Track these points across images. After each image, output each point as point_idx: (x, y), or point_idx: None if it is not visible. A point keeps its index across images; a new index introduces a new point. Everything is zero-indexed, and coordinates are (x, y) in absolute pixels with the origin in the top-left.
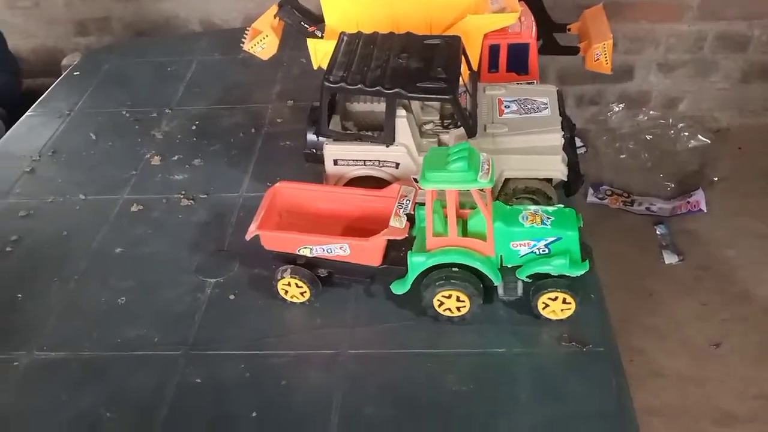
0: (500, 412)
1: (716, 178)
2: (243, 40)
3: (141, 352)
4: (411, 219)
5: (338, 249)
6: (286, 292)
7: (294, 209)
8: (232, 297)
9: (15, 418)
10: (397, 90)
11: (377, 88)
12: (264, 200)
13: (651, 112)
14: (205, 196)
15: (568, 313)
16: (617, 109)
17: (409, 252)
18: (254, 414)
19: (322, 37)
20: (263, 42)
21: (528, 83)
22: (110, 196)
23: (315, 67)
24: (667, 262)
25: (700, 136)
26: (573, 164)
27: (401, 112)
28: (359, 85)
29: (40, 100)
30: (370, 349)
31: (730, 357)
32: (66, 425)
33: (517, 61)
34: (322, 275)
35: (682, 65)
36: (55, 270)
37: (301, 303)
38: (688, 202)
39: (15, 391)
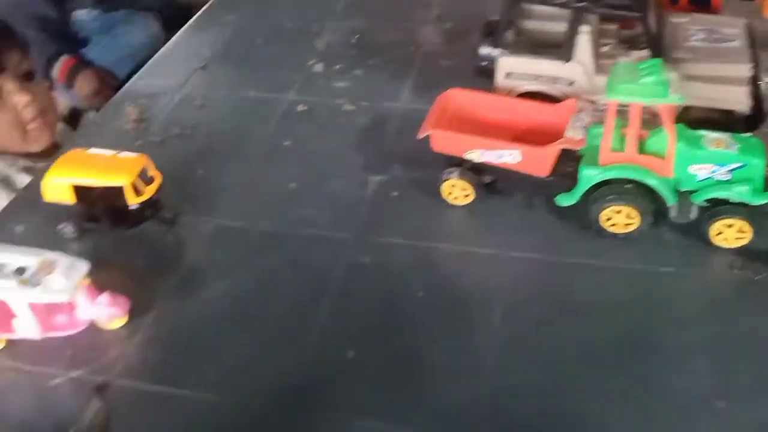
0: (667, 325)
1: None
2: None
3: (312, 231)
4: None
5: (508, 155)
6: (450, 193)
7: (464, 116)
8: (395, 194)
9: (203, 271)
10: (585, 3)
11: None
12: (436, 104)
13: None
14: (367, 103)
15: (743, 242)
16: None
17: (581, 164)
18: (421, 294)
19: None
20: None
21: None
22: (277, 96)
23: None
24: None
25: None
26: (757, 99)
27: (584, 27)
28: None
29: (202, 10)
30: (531, 254)
31: None
32: (248, 282)
33: None
34: (487, 181)
35: None
36: (231, 154)
37: (462, 205)
38: None
39: (202, 250)
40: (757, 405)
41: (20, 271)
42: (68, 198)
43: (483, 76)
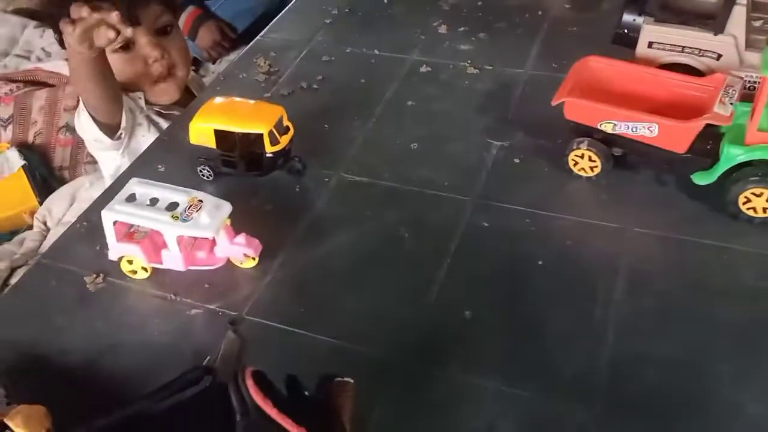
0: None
1: None
2: None
3: (433, 191)
4: None
5: (645, 128)
6: (576, 163)
7: (600, 85)
8: (517, 161)
9: (328, 220)
10: None
11: None
12: (572, 71)
13: None
14: (490, 67)
15: None
16: None
17: (725, 143)
18: (540, 262)
19: None
20: None
21: None
22: (401, 56)
23: None
24: None
25: None
26: None
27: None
28: None
29: None
30: (658, 231)
31: None
32: (370, 234)
33: None
34: (617, 154)
35: None
36: (355, 110)
37: (587, 177)
38: None
39: (327, 200)
40: None
41: (172, 206)
42: (210, 142)
43: (622, 44)
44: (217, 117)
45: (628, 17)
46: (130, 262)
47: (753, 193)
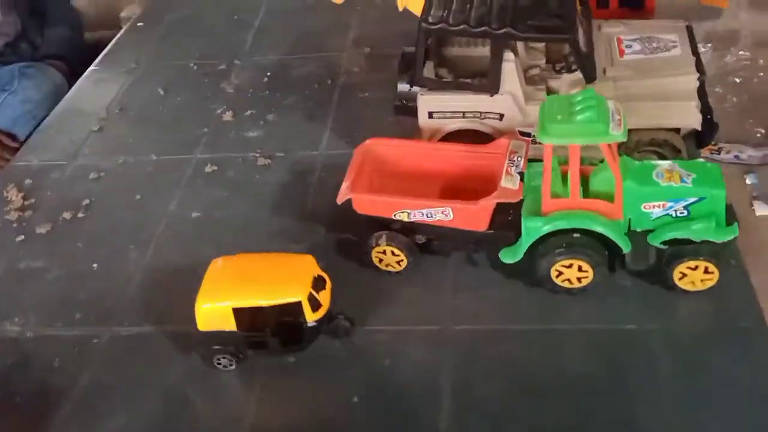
0: (636, 396)
1: None
2: None
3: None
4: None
5: (440, 213)
6: (381, 260)
7: (387, 168)
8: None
9: (102, 395)
10: (506, 30)
11: (483, 28)
12: (354, 159)
13: (740, 52)
14: (283, 154)
15: (710, 283)
16: (703, 50)
17: (523, 216)
18: (356, 399)
19: None
20: None
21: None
22: (183, 156)
23: (400, 8)
24: (758, 214)
25: None
26: (706, 111)
27: (508, 55)
28: (462, 26)
29: (104, 53)
30: (477, 324)
31: None
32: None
33: None
34: (420, 242)
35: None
36: (130, 236)
37: (396, 272)
38: None
39: (95, 371)
40: None
41: None
42: (227, 324)
43: (404, 114)
44: (232, 290)
45: (402, 87)
46: None
47: (563, 266)
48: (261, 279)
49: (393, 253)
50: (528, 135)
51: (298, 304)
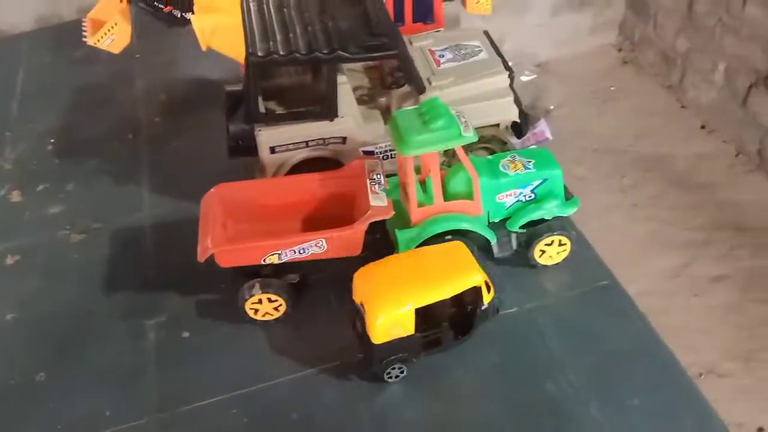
0: (541, 374)
1: (552, 107)
2: (84, 34)
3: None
4: None
5: (314, 247)
6: (256, 311)
7: (241, 213)
8: (186, 335)
9: None
10: (337, 54)
11: (314, 54)
12: (203, 210)
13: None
14: (100, 225)
15: (564, 255)
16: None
17: (397, 231)
18: None
19: (182, 17)
20: (112, 32)
21: (436, 31)
22: None
23: (204, 48)
24: None
25: (527, 72)
26: (518, 104)
27: (341, 78)
28: (292, 55)
29: None
30: None
31: None
32: None
33: (422, 10)
34: (295, 281)
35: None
36: None
37: (275, 319)
38: (534, 134)
39: None
40: None
41: None
42: (407, 328)
43: (241, 155)
44: (408, 292)
45: (235, 128)
46: None
47: None
48: (432, 273)
49: (269, 300)
50: (371, 153)
51: (477, 288)
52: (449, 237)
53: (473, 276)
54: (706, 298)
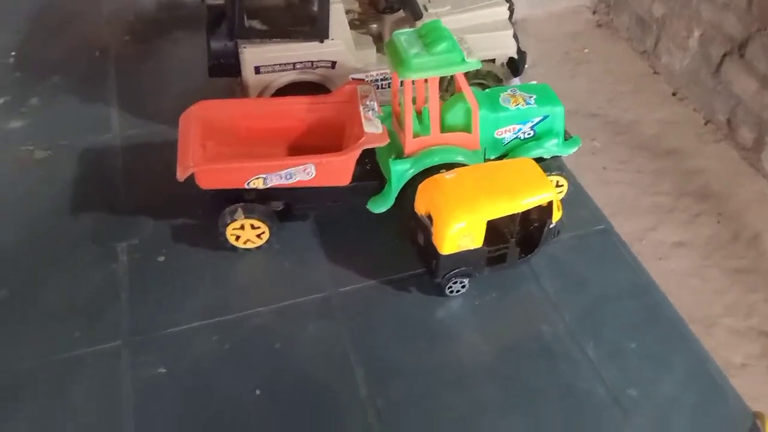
0: (535, 317)
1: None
2: None
3: (69, 352)
4: None
5: (301, 172)
6: (237, 237)
7: (221, 134)
8: (161, 259)
9: None
10: None
11: None
12: (181, 129)
13: None
14: (66, 142)
15: (561, 195)
16: None
17: (390, 161)
18: (258, 392)
19: None
20: None
21: None
22: None
23: None
24: None
25: None
26: (516, 39)
27: None
28: None
29: None
30: (361, 282)
31: None
32: None
33: None
34: (278, 209)
35: None
36: None
37: (257, 248)
38: None
39: None
40: None
41: None
42: (475, 240)
43: (222, 75)
44: (483, 203)
45: (217, 45)
46: None
47: None
48: (504, 187)
49: (252, 226)
50: (361, 81)
51: (548, 206)
52: (443, 171)
53: (546, 192)
54: (668, 263)
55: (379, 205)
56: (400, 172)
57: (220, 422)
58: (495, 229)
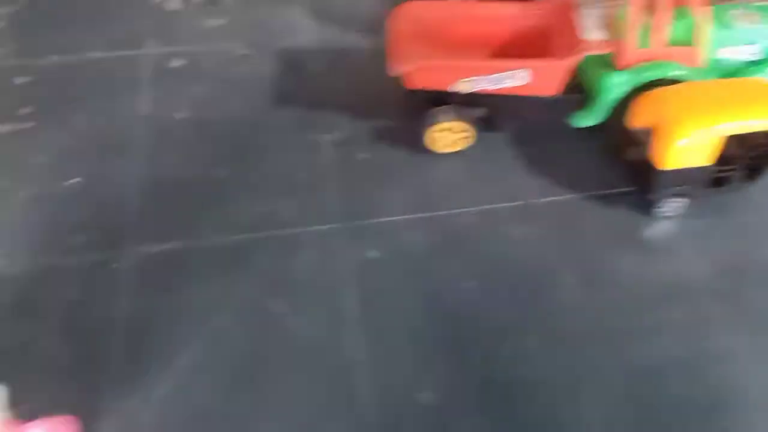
0: (757, 243)
1: None
2: None
3: (282, 230)
4: None
5: (512, 78)
6: (439, 140)
7: (428, 36)
8: (365, 155)
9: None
10: None
11: None
12: (391, 28)
13: None
14: (263, 42)
15: None
16: None
17: (604, 73)
18: (474, 282)
19: None
20: None
21: None
22: (133, 52)
23: None
24: None
25: None
26: None
27: None
28: None
29: None
30: (562, 194)
31: None
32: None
33: None
34: (480, 116)
35: None
36: (105, 144)
37: (455, 152)
38: None
39: (132, 297)
40: None
41: None
42: (704, 157)
43: None
44: (714, 117)
45: None
46: None
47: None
48: (736, 104)
49: (456, 130)
50: None
51: None
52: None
53: None
54: None
55: (585, 120)
56: (615, 85)
57: (441, 302)
58: (721, 150)
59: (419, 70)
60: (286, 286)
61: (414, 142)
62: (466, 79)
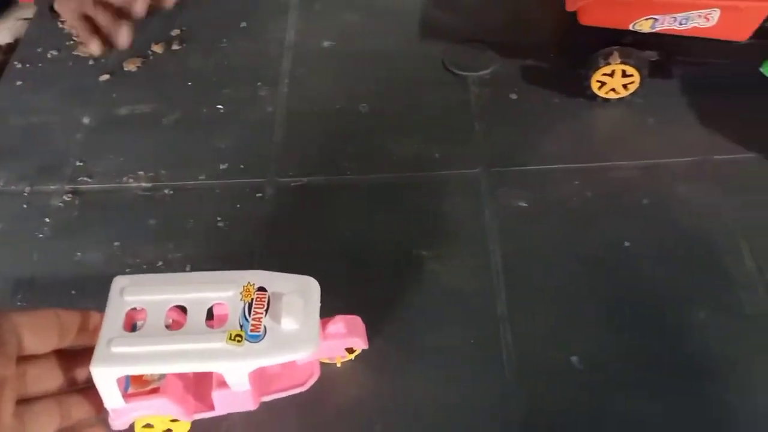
0: None
1: None
2: None
3: (425, 172)
4: None
5: (700, 18)
6: (602, 85)
7: None
8: (513, 96)
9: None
10: None
11: None
12: None
13: None
14: None
15: None
16: None
17: None
18: (627, 243)
19: None
20: None
21: None
22: None
23: None
24: None
25: None
26: None
27: None
28: None
29: None
30: (742, 152)
31: None
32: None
33: None
34: (653, 59)
35: None
36: (252, 72)
37: (619, 99)
38: None
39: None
40: None
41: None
42: None
43: None
44: None
45: None
46: (149, 426)
47: None
48: None
49: (623, 74)
50: None
51: None
52: None
53: None
54: None
55: None
56: None
57: (594, 262)
58: None
59: (601, 4)
60: (430, 231)
61: (574, 85)
62: (645, 18)
